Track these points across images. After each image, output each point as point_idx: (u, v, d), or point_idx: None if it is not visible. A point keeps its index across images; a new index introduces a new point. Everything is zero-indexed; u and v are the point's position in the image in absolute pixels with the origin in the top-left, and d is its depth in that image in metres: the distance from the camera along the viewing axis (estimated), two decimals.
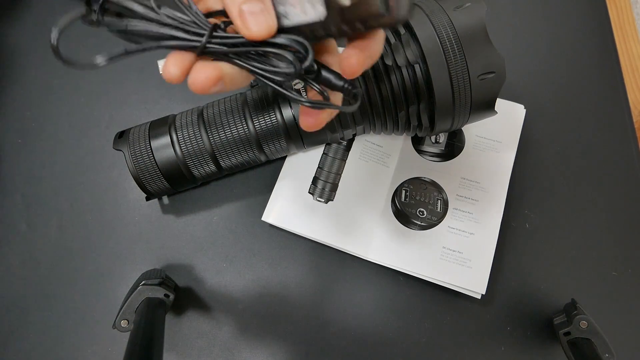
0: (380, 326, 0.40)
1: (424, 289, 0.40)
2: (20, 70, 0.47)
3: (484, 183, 0.42)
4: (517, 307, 0.40)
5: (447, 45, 0.33)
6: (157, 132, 0.38)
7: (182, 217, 0.43)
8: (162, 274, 0.39)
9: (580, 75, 0.46)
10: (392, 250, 0.40)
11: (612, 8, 0.51)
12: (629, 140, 0.44)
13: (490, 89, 0.34)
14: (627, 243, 0.42)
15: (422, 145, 0.43)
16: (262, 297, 0.41)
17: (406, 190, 0.42)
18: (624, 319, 0.40)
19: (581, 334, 0.35)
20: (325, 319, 0.40)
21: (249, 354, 0.39)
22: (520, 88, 0.46)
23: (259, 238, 0.42)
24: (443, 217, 0.41)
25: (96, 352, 0.40)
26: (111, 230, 0.43)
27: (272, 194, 0.42)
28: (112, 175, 0.44)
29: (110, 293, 0.41)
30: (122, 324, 0.34)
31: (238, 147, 0.38)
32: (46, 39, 0.49)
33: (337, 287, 0.41)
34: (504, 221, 0.41)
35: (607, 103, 0.45)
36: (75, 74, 0.47)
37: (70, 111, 0.46)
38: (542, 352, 0.39)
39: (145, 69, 0.47)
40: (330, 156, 0.43)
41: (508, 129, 0.43)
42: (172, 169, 0.38)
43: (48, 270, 0.42)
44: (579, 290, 0.40)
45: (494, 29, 0.46)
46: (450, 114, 0.35)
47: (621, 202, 0.43)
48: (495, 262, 0.39)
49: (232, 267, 0.42)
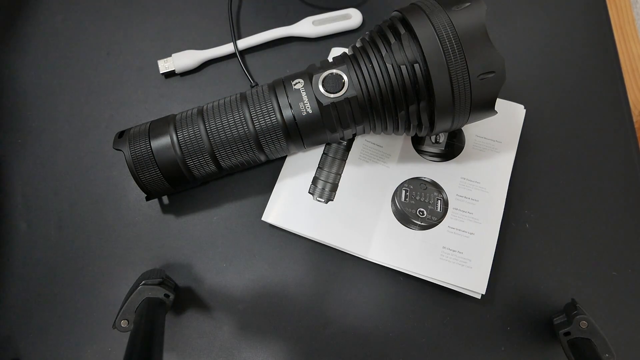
0: (380, 326, 0.40)
1: (424, 289, 0.40)
2: (20, 70, 0.48)
3: (484, 183, 0.42)
4: (517, 307, 0.40)
5: (447, 45, 0.33)
6: (157, 132, 0.38)
7: (182, 217, 0.43)
8: (162, 274, 0.38)
9: (580, 75, 0.46)
10: (392, 250, 0.40)
11: (612, 8, 0.51)
12: (629, 140, 0.44)
13: (490, 88, 0.34)
14: (627, 243, 0.41)
15: (422, 145, 0.43)
16: (262, 297, 0.41)
17: (406, 190, 0.42)
18: (624, 319, 0.40)
19: (581, 334, 0.35)
20: (325, 318, 0.40)
21: (249, 354, 0.39)
22: (520, 88, 0.46)
23: (259, 238, 0.42)
24: (443, 217, 0.41)
25: (96, 352, 0.40)
26: (111, 230, 0.43)
27: (272, 194, 0.42)
28: (112, 175, 0.44)
29: (110, 293, 0.41)
30: (122, 324, 0.34)
31: (238, 147, 0.38)
32: (46, 39, 0.49)
33: (337, 287, 0.41)
34: (504, 221, 0.41)
35: (607, 103, 0.45)
36: (75, 74, 0.47)
37: (70, 111, 0.46)
38: (542, 352, 0.39)
39: (145, 69, 0.47)
40: (330, 156, 0.43)
41: (508, 129, 0.43)
42: (172, 169, 0.38)
43: (48, 270, 0.42)
44: (579, 290, 0.40)
45: (494, 29, 0.46)
46: (450, 113, 0.35)
47: (621, 202, 0.43)
48: (495, 262, 0.39)
49: (232, 267, 0.42)
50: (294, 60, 0.48)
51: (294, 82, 0.37)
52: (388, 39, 0.35)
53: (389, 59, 0.34)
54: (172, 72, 0.46)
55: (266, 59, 0.48)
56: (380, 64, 0.35)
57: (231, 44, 0.46)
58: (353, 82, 0.36)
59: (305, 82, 0.37)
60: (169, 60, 0.46)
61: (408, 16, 0.34)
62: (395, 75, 0.34)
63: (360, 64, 0.36)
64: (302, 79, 0.37)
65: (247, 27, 0.49)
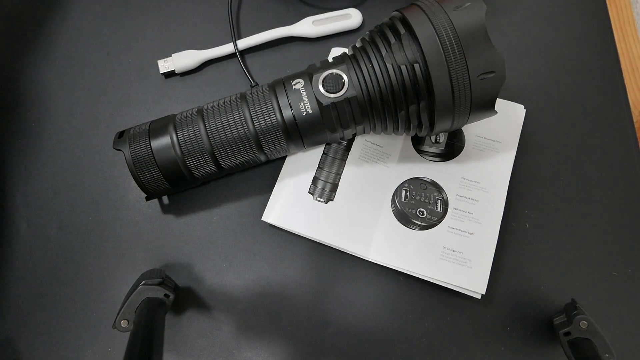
0: (380, 326, 0.40)
1: (424, 289, 0.40)
2: (20, 70, 0.48)
3: (484, 183, 0.42)
4: (517, 307, 0.40)
5: (447, 45, 0.33)
6: (157, 132, 0.38)
7: (182, 217, 0.43)
8: (162, 274, 0.38)
9: (580, 75, 0.46)
10: (392, 250, 0.40)
11: (612, 8, 0.51)
12: (629, 140, 0.44)
13: (490, 88, 0.34)
14: (627, 243, 0.41)
15: (422, 145, 0.43)
16: (262, 297, 0.41)
17: (406, 190, 0.42)
18: (624, 319, 0.40)
19: (581, 334, 0.35)
20: (325, 318, 0.40)
21: (249, 353, 0.39)
22: (520, 88, 0.46)
23: (259, 238, 0.42)
24: (443, 217, 0.41)
25: (96, 352, 0.40)
26: (111, 230, 0.43)
27: (272, 194, 0.42)
28: (112, 175, 0.44)
29: (110, 293, 0.41)
30: (122, 324, 0.34)
31: (238, 147, 0.38)
32: (46, 39, 0.49)
33: (337, 287, 0.41)
34: (504, 221, 0.41)
35: (607, 103, 0.45)
36: (75, 74, 0.47)
37: (70, 111, 0.46)
38: (542, 352, 0.39)
39: (145, 69, 0.47)
40: (330, 156, 0.43)
41: (508, 129, 0.43)
42: (172, 169, 0.38)
43: (48, 270, 0.42)
44: (579, 290, 0.40)
45: (494, 29, 0.46)
46: (450, 113, 0.35)
47: (621, 202, 0.43)
48: (495, 262, 0.39)
49: (232, 267, 0.42)
50: (294, 60, 0.47)
51: (294, 82, 0.37)
52: (388, 38, 0.35)
53: (389, 59, 0.34)
54: (172, 72, 0.46)
55: (266, 59, 0.48)
56: (380, 64, 0.35)
57: (231, 44, 0.46)
58: (353, 82, 0.36)
59: (305, 82, 0.37)
60: (169, 60, 0.46)
61: (408, 16, 0.34)
62: (395, 75, 0.34)
63: (360, 64, 0.36)
64: (302, 79, 0.37)
65: (247, 27, 0.49)
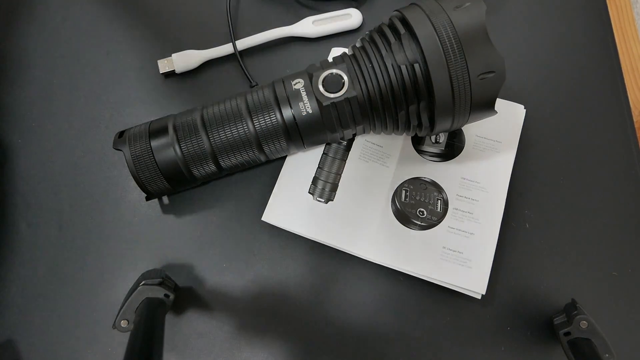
0: (380, 326, 0.40)
1: (424, 289, 0.40)
2: (20, 70, 0.48)
3: (484, 183, 0.42)
4: (517, 307, 0.40)
5: (447, 45, 0.33)
6: (157, 132, 0.38)
7: (182, 217, 0.43)
8: (162, 274, 0.39)
9: (581, 75, 0.46)
10: (392, 250, 0.40)
11: (612, 8, 0.51)
12: (629, 140, 0.44)
13: (490, 88, 0.34)
14: (627, 243, 0.41)
15: (422, 145, 0.43)
16: (262, 297, 0.41)
17: (406, 190, 0.42)
18: (624, 319, 0.40)
19: (581, 334, 0.34)
20: (325, 318, 0.40)
21: (249, 353, 0.39)
22: (520, 88, 0.46)
23: (259, 238, 0.42)
24: (443, 217, 0.41)
25: (96, 352, 0.40)
26: (111, 230, 0.43)
27: (272, 194, 0.42)
28: (112, 175, 0.44)
29: (110, 293, 0.41)
30: (122, 324, 0.34)
31: (238, 147, 0.38)
32: (46, 39, 0.49)
33: (337, 287, 0.41)
34: (504, 221, 0.41)
35: (607, 103, 0.45)
36: (75, 74, 0.47)
37: (70, 111, 0.46)
38: (542, 352, 0.39)
39: (145, 69, 0.47)
40: (330, 156, 0.43)
41: (508, 129, 0.43)
42: (172, 169, 0.38)
43: (48, 270, 0.42)
44: (579, 290, 0.40)
45: (494, 29, 0.46)
46: (450, 113, 0.35)
47: (621, 202, 0.42)
48: (495, 262, 0.39)
49: (232, 267, 0.41)
50: (294, 60, 0.47)
51: (294, 82, 0.37)
52: (388, 38, 0.35)
53: (389, 58, 0.34)
54: (172, 72, 0.46)
55: (266, 59, 0.48)
56: (380, 63, 0.35)
57: (231, 44, 0.46)
58: (353, 82, 0.36)
59: (305, 82, 0.37)
60: (169, 60, 0.46)
61: (408, 16, 0.34)
62: (395, 75, 0.34)
63: (360, 63, 0.36)
64: (302, 79, 0.37)
65: (247, 27, 0.49)
